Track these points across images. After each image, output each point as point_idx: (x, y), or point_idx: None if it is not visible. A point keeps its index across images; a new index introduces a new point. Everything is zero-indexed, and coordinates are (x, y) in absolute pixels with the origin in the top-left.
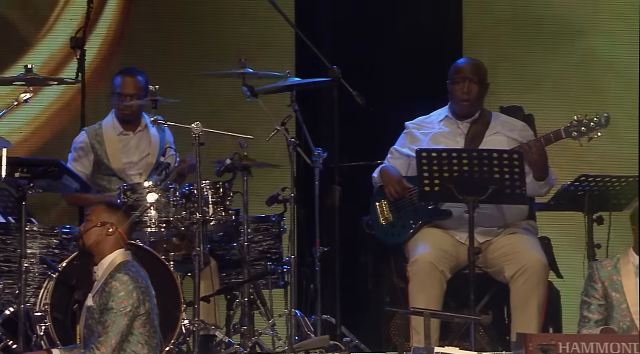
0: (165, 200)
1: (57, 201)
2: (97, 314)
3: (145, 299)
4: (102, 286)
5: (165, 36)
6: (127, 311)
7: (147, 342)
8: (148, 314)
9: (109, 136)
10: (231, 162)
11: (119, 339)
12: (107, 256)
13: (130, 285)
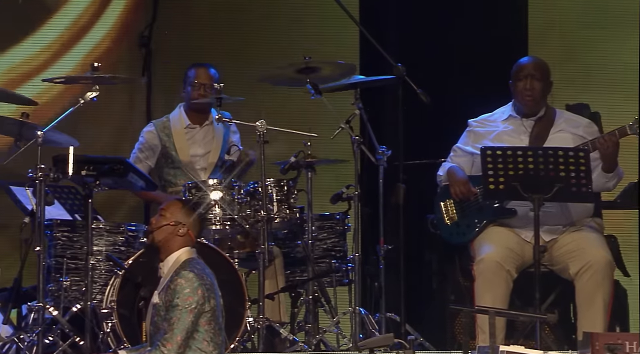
0: (229, 198)
1: (123, 199)
2: (163, 311)
3: (210, 297)
4: (168, 283)
5: (231, 34)
6: (192, 308)
7: (213, 339)
8: (213, 311)
9: (176, 128)
10: (295, 160)
11: (184, 336)
12: (173, 253)
13: (196, 282)
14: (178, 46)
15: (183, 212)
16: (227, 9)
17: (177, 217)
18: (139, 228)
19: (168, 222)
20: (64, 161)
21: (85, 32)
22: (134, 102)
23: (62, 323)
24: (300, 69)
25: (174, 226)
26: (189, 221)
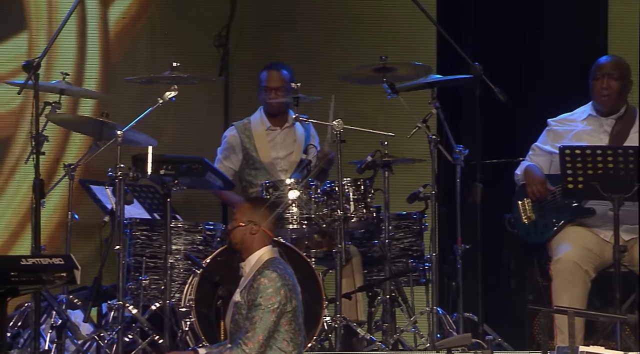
0: (306, 197)
1: (201, 198)
2: (245, 310)
3: (292, 297)
4: (250, 283)
5: (308, 33)
6: (274, 308)
7: (293, 339)
8: (294, 311)
9: (257, 130)
10: (372, 159)
11: (266, 336)
12: (254, 253)
13: (279, 282)
14: (255, 45)
15: (253, 211)
16: (304, 8)
17: (247, 217)
18: (216, 227)
19: (239, 223)
20: (143, 160)
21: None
22: (212, 102)
23: (142, 321)
24: (377, 69)
25: (245, 226)
26: (260, 219)
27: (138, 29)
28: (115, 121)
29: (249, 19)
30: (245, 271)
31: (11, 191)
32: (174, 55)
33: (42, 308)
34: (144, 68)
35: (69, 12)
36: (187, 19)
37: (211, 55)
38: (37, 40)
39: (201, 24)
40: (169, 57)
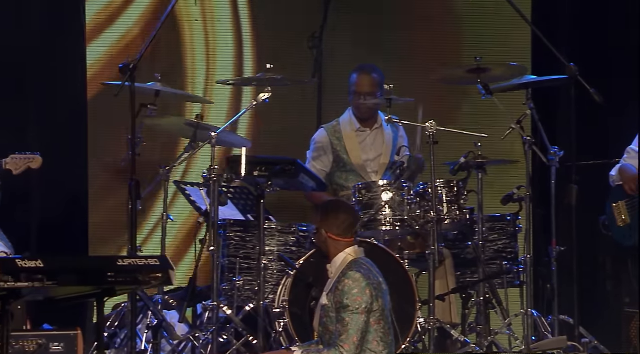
0: (399, 199)
1: (294, 199)
2: (332, 312)
3: (378, 296)
4: (336, 285)
5: (400, 34)
6: (362, 308)
7: (383, 339)
8: (382, 310)
9: (347, 132)
10: (466, 160)
11: (360, 337)
12: (339, 254)
13: (363, 282)
14: (349, 47)
15: (318, 218)
16: (397, 9)
17: (316, 224)
18: (309, 228)
19: (316, 228)
20: (237, 162)
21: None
22: (305, 103)
23: (236, 322)
24: (471, 70)
25: (317, 233)
26: (325, 226)
27: (231, 30)
28: (210, 122)
29: (343, 20)
30: (331, 273)
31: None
32: (268, 57)
33: (139, 308)
34: (237, 70)
35: (164, 13)
36: (280, 21)
37: (305, 57)
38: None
39: (295, 25)
40: (263, 59)
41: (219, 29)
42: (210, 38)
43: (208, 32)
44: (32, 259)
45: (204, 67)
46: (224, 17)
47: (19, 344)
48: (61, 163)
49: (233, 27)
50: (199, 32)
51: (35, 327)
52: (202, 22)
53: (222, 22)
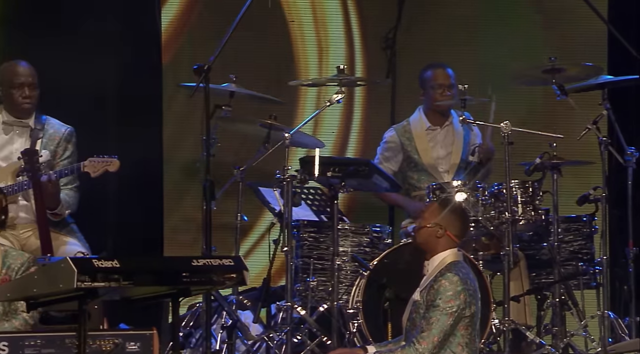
0: (474, 199)
1: (367, 200)
2: (423, 309)
3: (471, 302)
4: (431, 283)
5: (472, 34)
6: (452, 311)
7: (468, 345)
8: (472, 317)
9: (417, 131)
10: (541, 161)
11: (441, 338)
12: (438, 254)
13: (460, 286)
14: (422, 47)
15: (441, 214)
16: (471, 9)
17: (435, 220)
18: (383, 229)
19: (426, 224)
20: (310, 162)
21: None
22: (378, 104)
23: (310, 323)
24: (546, 70)
25: (432, 227)
26: (447, 223)
27: (303, 31)
28: (283, 123)
29: (416, 21)
30: (427, 271)
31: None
32: (341, 58)
33: (213, 309)
34: (312, 71)
35: (239, 14)
36: (354, 21)
37: (378, 58)
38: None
39: (368, 26)
40: (336, 60)
41: (295, 30)
42: (285, 39)
43: (284, 33)
44: (109, 259)
45: (279, 68)
46: (305, 17)
47: (96, 344)
48: (137, 164)
49: (309, 28)
50: (275, 33)
51: (111, 326)
52: (278, 22)
53: (299, 23)
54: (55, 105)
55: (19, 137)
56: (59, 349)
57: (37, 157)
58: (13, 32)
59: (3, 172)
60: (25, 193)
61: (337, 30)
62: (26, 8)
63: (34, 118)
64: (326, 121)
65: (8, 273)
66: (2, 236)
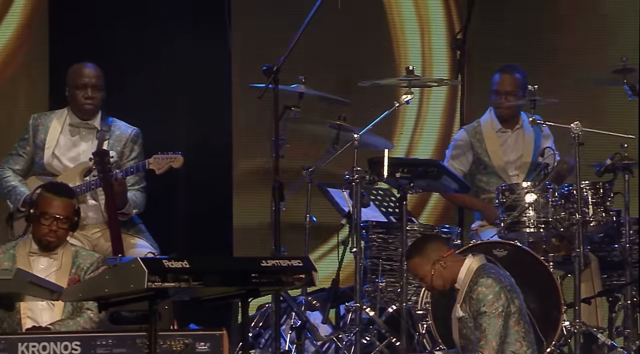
0: (543, 200)
1: (436, 201)
2: (470, 322)
3: (513, 297)
4: (468, 295)
5: (544, 36)
6: (499, 312)
7: (525, 338)
8: (519, 311)
9: (488, 133)
10: (612, 162)
11: (498, 341)
12: (460, 269)
13: (496, 287)
14: (493, 48)
15: (424, 255)
16: (540, 10)
17: (428, 264)
18: (452, 230)
19: (429, 273)
20: (379, 163)
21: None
22: (448, 105)
23: (379, 324)
24: (617, 70)
25: (435, 271)
26: (434, 253)
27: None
28: (352, 124)
29: (487, 21)
30: (459, 285)
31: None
32: (410, 58)
33: (282, 309)
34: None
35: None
36: (423, 22)
37: (447, 58)
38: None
39: (438, 26)
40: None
41: (365, 31)
42: (354, 39)
43: (353, 33)
44: (178, 259)
45: (348, 68)
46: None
47: (166, 344)
48: (206, 164)
49: (378, 28)
50: (344, 34)
51: (181, 327)
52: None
53: (369, 23)
54: (123, 105)
55: (85, 139)
56: (130, 349)
57: (108, 159)
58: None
59: (71, 172)
60: (93, 193)
61: (406, 31)
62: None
63: (100, 120)
64: (395, 122)
65: (77, 272)
66: (73, 237)
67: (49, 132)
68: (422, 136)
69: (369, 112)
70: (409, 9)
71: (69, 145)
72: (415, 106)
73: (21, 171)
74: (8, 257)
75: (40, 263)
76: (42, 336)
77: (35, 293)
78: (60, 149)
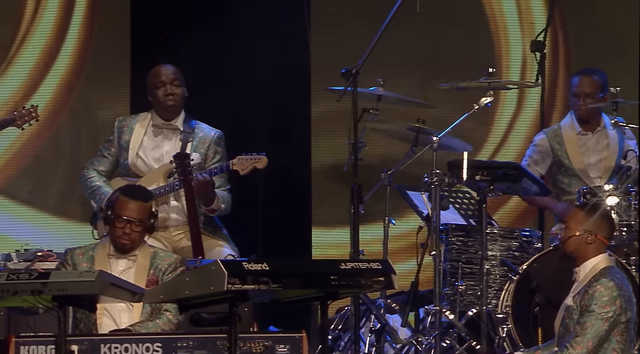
0: (626, 203)
1: (516, 204)
2: (576, 314)
3: (627, 308)
4: (585, 289)
5: (625, 36)
6: (608, 317)
7: (623, 351)
8: (627, 323)
9: (568, 136)
10: None
11: (595, 343)
12: (590, 260)
13: (615, 292)
14: (574, 50)
15: (586, 219)
16: (620, 10)
17: (583, 226)
18: (532, 234)
19: (574, 233)
20: (458, 166)
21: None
22: (528, 108)
23: (459, 327)
24: None
25: (580, 235)
26: (596, 227)
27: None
28: (431, 126)
29: (566, 23)
30: (579, 277)
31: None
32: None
33: (361, 312)
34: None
35: (387, 17)
36: (501, 24)
37: (527, 60)
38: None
39: (517, 28)
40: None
41: (443, 32)
42: (432, 41)
43: (430, 35)
44: (258, 262)
45: (427, 70)
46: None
47: (246, 346)
48: (285, 167)
49: (457, 30)
50: (422, 35)
51: (261, 329)
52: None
53: (444, 26)
54: (205, 107)
55: (168, 140)
56: (210, 350)
57: (188, 161)
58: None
59: (155, 174)
60: (176, 194)
61: (485, 33)
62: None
63: (183, 122)
64: (475, 124)
65: (155, 273)
66: (154, 238)
67: (133, 133)
68: (501, 138)
69: (448, 114)
70: (489, 11)
71: (152, 146)
72: (495, 108)
73: (106, 172)
74: (87, 259)
75: (118, 265)
76: (124, 338)
77: (116, 294)
78: (144, 150)
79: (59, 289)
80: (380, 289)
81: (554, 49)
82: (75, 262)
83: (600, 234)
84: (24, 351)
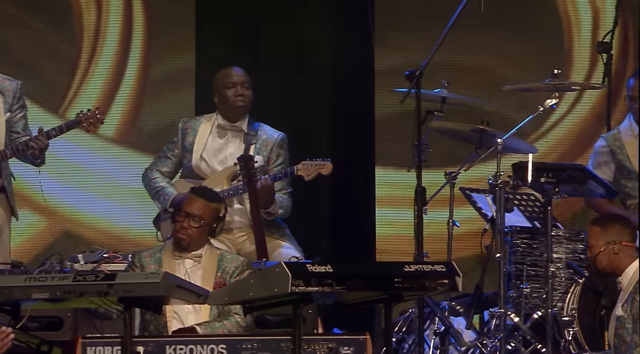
0: None
1: (582, 206)
2: (629, 323)
3: None
4: (632, 296)
5: None
6: None
7: None
8: None
9: (627, 139)
10: None
11: None
12: (628, 267)
13: None
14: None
15: (605, 230)
16: None
17: (603, 239)
18: None
19: (598, 249)
20: (523, 168)
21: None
22: (593, 110)
23: (524, 330)
24: None
25: (605, 249)
26: (617, 235)
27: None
28: (495, 128)
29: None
30: (623, 285)
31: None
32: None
33: (426, 314)
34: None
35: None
36: (568, 25)
37: (593, 62)
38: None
39: (582, 30)
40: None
41: (509, 34)
42: (497, 43)
43: (496, 37)
44: (322, 264)
45: (491, 72)
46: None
47: (311, 348)
48: (349, 169)
49: (522, 32)
50: (487, 37)
51: (326, 331)
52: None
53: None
54: (268, 110)
55: (232, 142)
56: (275, 352)
57: (252, 163)
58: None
59: (219, 176)
60: (239, 197)
61: (551, 34)
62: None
63: (247, 124)
64: (540, 126)
65: (222, 276)
66: (218, 240)
67: (197, 135)
68: (567, 140)
69: (512, 116)
70: (554, 12)
71: (216, 148)
72: (560, 110)
73: (169, 173)
74: (154, 261)
75: (185, 266)
76: (189, 339)
77: (181, 296)
78: (207, 152)
79: (124, 290)
80: (444, 291)
81: (621, 51)
82: (143, 265)
83: (623, 240)
84: (91, 352)
